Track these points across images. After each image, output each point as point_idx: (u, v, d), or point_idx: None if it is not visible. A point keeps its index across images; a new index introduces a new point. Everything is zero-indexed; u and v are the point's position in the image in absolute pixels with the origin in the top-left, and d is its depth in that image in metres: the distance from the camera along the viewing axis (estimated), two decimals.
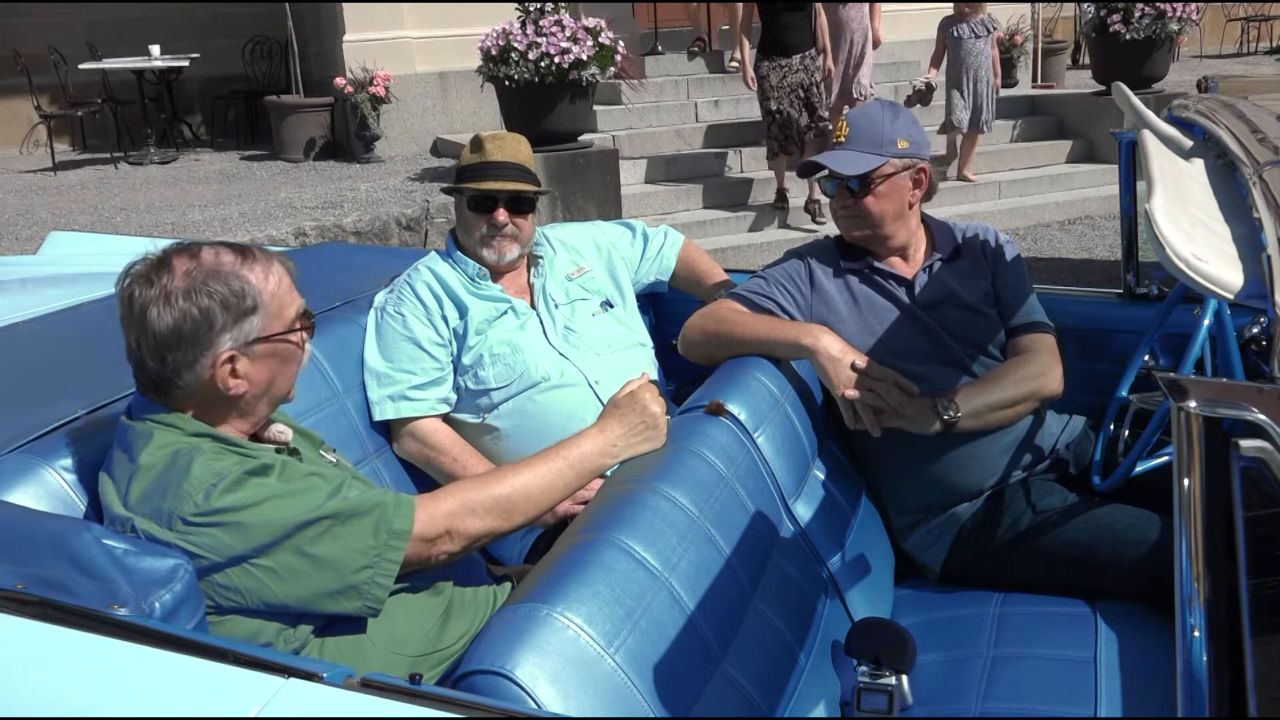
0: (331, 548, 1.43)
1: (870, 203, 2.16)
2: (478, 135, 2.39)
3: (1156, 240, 1.00)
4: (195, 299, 1.46)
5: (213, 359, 1.48)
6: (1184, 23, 8.11)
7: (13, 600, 1.26)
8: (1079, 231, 7.48)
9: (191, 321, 1.46)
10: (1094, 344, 2.42)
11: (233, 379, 1.50)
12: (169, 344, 1.46)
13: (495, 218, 2.30)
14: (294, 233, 6.18)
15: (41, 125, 9.54)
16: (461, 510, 1.55)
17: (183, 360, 1.47)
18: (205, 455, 1.44)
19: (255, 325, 1.51)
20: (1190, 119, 1.67)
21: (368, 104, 8.14)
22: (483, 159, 2.34)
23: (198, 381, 1.49)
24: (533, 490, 1.62)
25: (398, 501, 1.51)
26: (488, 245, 2.33)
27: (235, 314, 1.49)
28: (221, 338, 1.48)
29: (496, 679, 1.22)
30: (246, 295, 1.50)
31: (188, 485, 1.40)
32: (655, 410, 1.79)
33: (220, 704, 1.14)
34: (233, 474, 1.42)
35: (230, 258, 1.52)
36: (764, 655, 1.62)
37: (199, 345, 1.47)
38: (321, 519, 1.44)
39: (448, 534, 1.54)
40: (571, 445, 1.72)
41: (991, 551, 2.07)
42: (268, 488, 1.44)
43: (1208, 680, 0.92)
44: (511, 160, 2.34)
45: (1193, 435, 0.91)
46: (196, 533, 1.38)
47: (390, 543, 1.47)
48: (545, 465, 1.66)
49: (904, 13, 10.03)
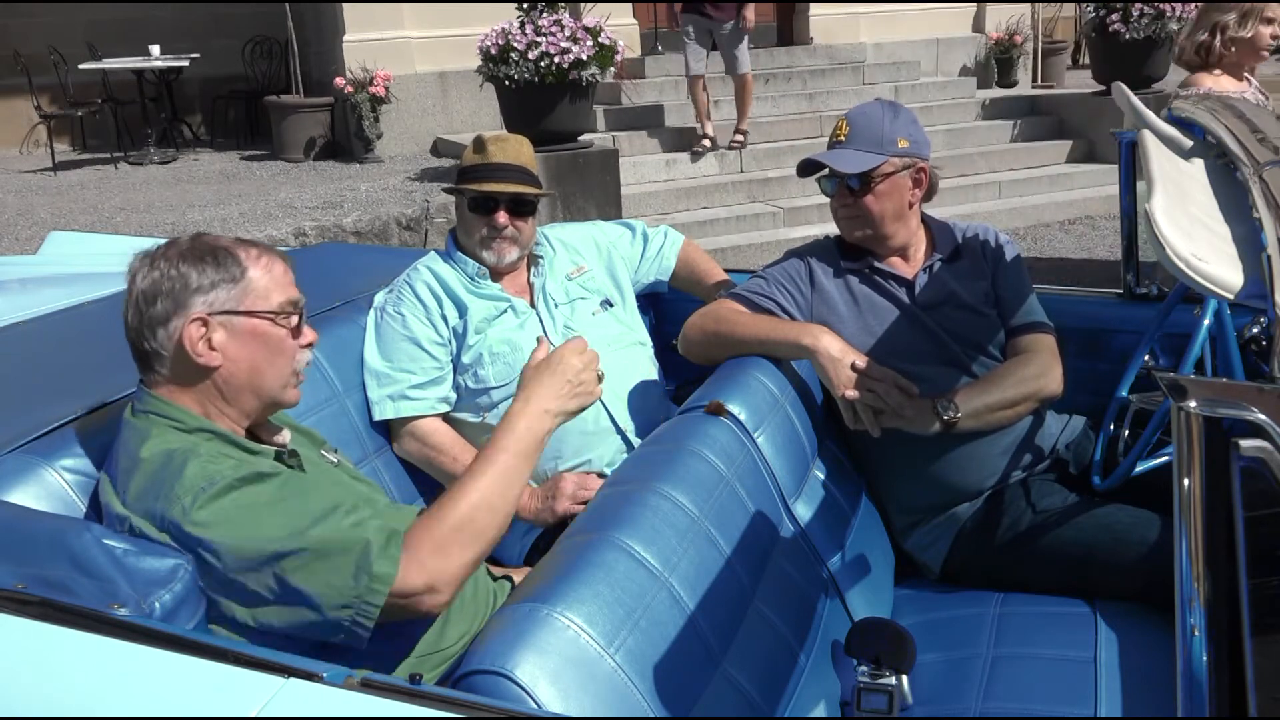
0: (310, 582, 1.37)
1: (870, 202, 2.16)
2: (480, 136, 2.39)
3: (1156, 240, 1.00)
4: (178, 262, 1.52)
5: (183, 320, 1.50)
6: (1184, 23, 8.10)
7: (13, 600, 1.26)
8: (1079, 231, 7.48)
9: (169, 280, 1.50)
10: (1094, 344, 2.42)
11: (205, 347, 1.50)
12: (148, 298, 1.50)
13: (496, 220, 2.30)
14: (294, 233, 6.18)
15: (41, 125, 9.54)
16: (432, 556, 1.42)
17: (157, 316, 1.50)
18: (201, 459, 1.43)
19: (232, 295, 1.53)
20: (1190, 119, 1.66)
21: (368, 104, 8.14)
22: (485, 160, 2.34)
23: (170, 342, 1.50)
24: (492, 498, 1.49)
25: (387, 542, 1.41)
26: (488, 247, 2.33)
27: (212, 279, 1.52)
28: (195, 299, 1.51)
29: (496, 679, 1.22)
30: (231, 265, 1.53)
31: (179, 488, 1.39)
32: (575, 364, 1.65)
33: (220, 704, 1.14)
34: (224, 481, 1.39)
35: (229, 240, 1.57)
36: (764, 655, 1.62)
37: (173, 302, 1.50)
38: (301, 550, 1.37)
39: (430, 589, 1.41)
40: (505, 432, 1.56)
41: (991, 551, 2.07)
42: (255, 502, 1.39)
43: (1208, 680, 0.92)
44: (514, 162, 2.34)
45: (1193, 435, 0.91)
46: (185, 539, 1.37)
47: (371, 585, 1.37)
48: (491, 466, 1.51)
49: (904, 12, 10.05)
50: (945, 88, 9.44)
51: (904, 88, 9.08)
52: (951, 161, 8.11)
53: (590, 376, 1.67)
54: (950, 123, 8.81)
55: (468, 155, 2.38)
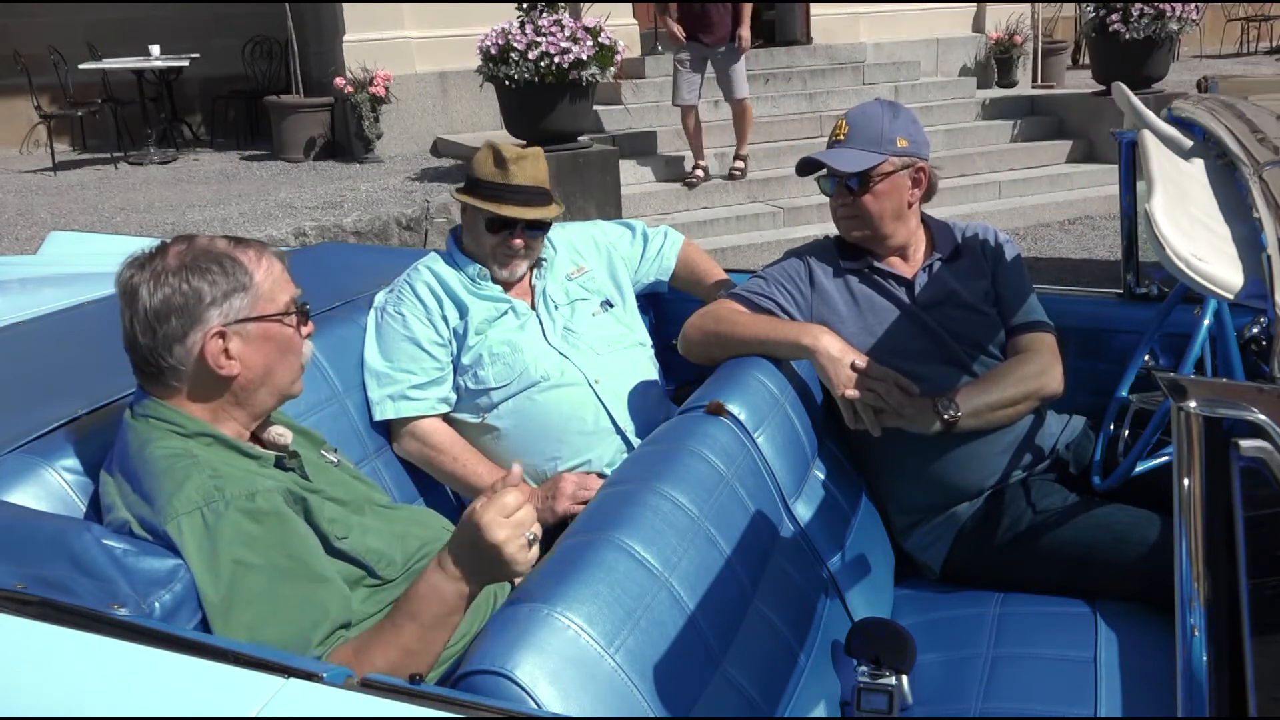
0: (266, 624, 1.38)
1: (869, 201, 2.16)
2: (499, 150, 2.30)
3: (1156, 240, 0.99)
4: (186, 275, 1.50)
5: (202, 334, 1.49)
6: (1184, 23, 8.11)
7: (13, 600, 1.26)
8: (1079, 231, 7.48)
9: (181, 295, 1.49)
10: (1094, 344, 2.42)
11: (225, 358, 1.51)
12: (160, 316, 1.49)
13: (512, 242, 2.30)
14: (294, 233, 6.18)
15: (41, 125, 9.54)
16: None
17: (173, 333, 1.49)
18: (203, 473, 1.43)
19: (245, 303, 1.53)
20: (1190, 119, 1.66)
21: (367, 104, 8.14)
22: (506, 180, 2.28)
23: (188, 358, 1.50)
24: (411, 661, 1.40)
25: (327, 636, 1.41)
26: (501, 263, 2.32)
27: (224, 290, 1.51)
28: (210, 312, 1.50)
29: (496, 679, 1.22)
30: (238, 272, 1.53)
31: (177, 502, 1.40)
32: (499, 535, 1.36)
33: (220, 704, 1.14)
34: (217, 507, 1.39)
35: (224, 243, 1.56)
36: (764, 655, 1.62)
37: (188, 318, 1.49)
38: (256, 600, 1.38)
39: None
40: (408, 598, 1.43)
41: (991, 551, 2.07)
42: (241, 541, 1.39)
43: (1208, 680, 0.92)
44: (533, 184, 2.29)
45: (1193, 435, 0.91)
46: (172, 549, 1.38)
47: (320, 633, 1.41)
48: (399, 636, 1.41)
49: (904, 12, 10.05)
50: (945, 88, 9.45)
51: (904, 88, 9.08)
52: (951, 161, 8.11)
53: (514, 550, 1.38)
54: (950, 123, 8.81)
55: (486, 167, 2.30)
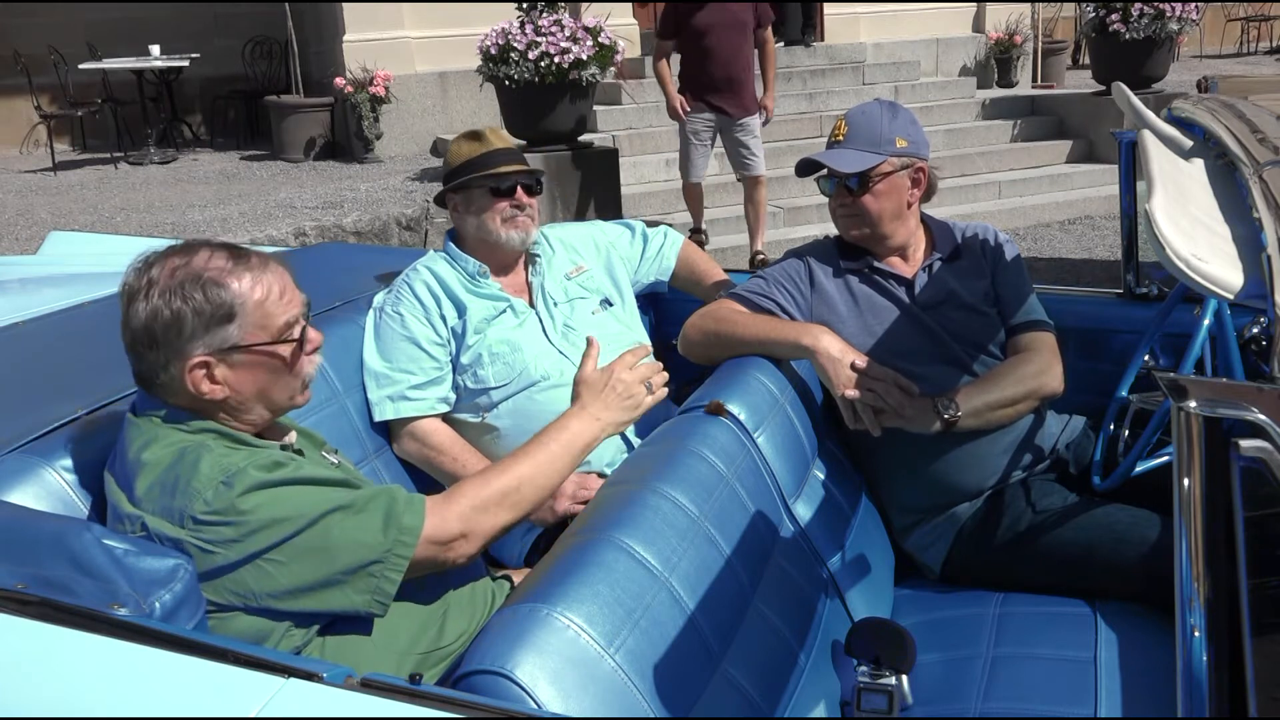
0: (340, 541, 1.43)
1: (868, 201, 2.16)
2: (472, 131, 2.44)
3: (1156, 240, 0.99)
4: (169, 300, 1.47)
5: (183, 364, 1.47)
6: (1184, 23, 8.10)
7: (13, 600, 1.26)
8: (1079, 231, 7.48)
9: (162, 322, 1.47)
10: (1094, 344, 2.42)
11: (209, 384, 1.49)
12: (143, 341, 1.48)
13: (519, 198, 2.35)
14: (294, 233, 6.18)
15: (41, 125, 9.54)
16: (473, 510, 1.55)
17: (157, 360, 1.48)
18: (213, 452, 1.44)
19: (232, 334, 1.49)
20: (1190, 119, 1.66)
21: (367, 104, 8.14)
22: (488, 148, 2.38)
23: (175, 382, 1.49)
24: (537, 477, 1.63)
25: (409, 499, 1.51)
26: (513, 225, 2.35)
27: (207, 321, 1.47)
28: (192, 344, 1.47)
29: (496, 679, 1.22)
30: (223, 304, 1.48)
31: (197, 482, 1.40)
32: (627, 378, 1.80)
33: (220, 704, 1.14)
34: (242, 470, 1.42)
35: (221, 262, 1.51)
36: (764, 655, 1.62)
37: (169, 348, 1.47)
38: (331, 512, 1.43)
39: (463, 536, 1.53)
40: (560, 428, 1.72)
41: (991, 551, 2.07)
42: (276, 484, 1.43)
43: (1208, 680, 0.92)
44: (511, 148, 2.42)
45: (1193, 435, 0.91)
46: (208, 530, 1.39)
47: (400, 538, 1.46)
48: (542, 451, 1.66)
49: (904, 12, 10.05)
50: (945, 88, 9.45)
51: (904, 88, 9.08)
52: (951, 161, 8.11)
53: (639, 390, 1.81)
54: (950, 123, 8.81)
55: (465, 149, 2.39)
